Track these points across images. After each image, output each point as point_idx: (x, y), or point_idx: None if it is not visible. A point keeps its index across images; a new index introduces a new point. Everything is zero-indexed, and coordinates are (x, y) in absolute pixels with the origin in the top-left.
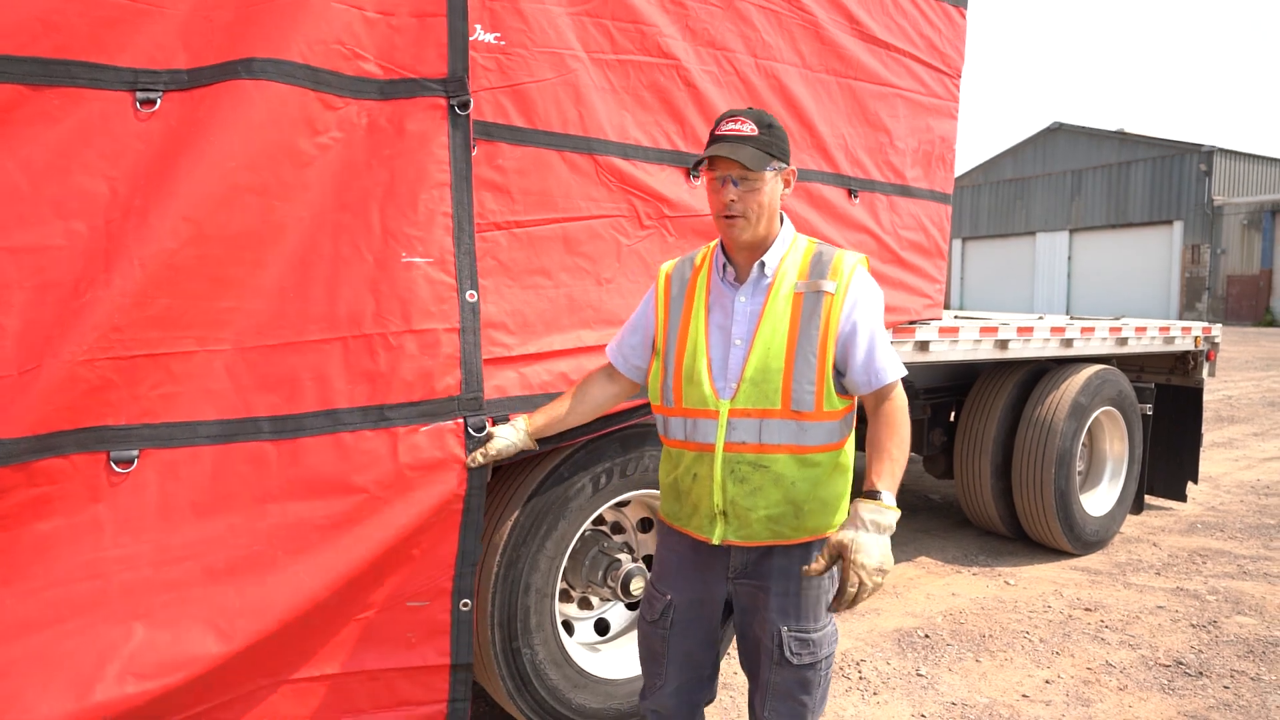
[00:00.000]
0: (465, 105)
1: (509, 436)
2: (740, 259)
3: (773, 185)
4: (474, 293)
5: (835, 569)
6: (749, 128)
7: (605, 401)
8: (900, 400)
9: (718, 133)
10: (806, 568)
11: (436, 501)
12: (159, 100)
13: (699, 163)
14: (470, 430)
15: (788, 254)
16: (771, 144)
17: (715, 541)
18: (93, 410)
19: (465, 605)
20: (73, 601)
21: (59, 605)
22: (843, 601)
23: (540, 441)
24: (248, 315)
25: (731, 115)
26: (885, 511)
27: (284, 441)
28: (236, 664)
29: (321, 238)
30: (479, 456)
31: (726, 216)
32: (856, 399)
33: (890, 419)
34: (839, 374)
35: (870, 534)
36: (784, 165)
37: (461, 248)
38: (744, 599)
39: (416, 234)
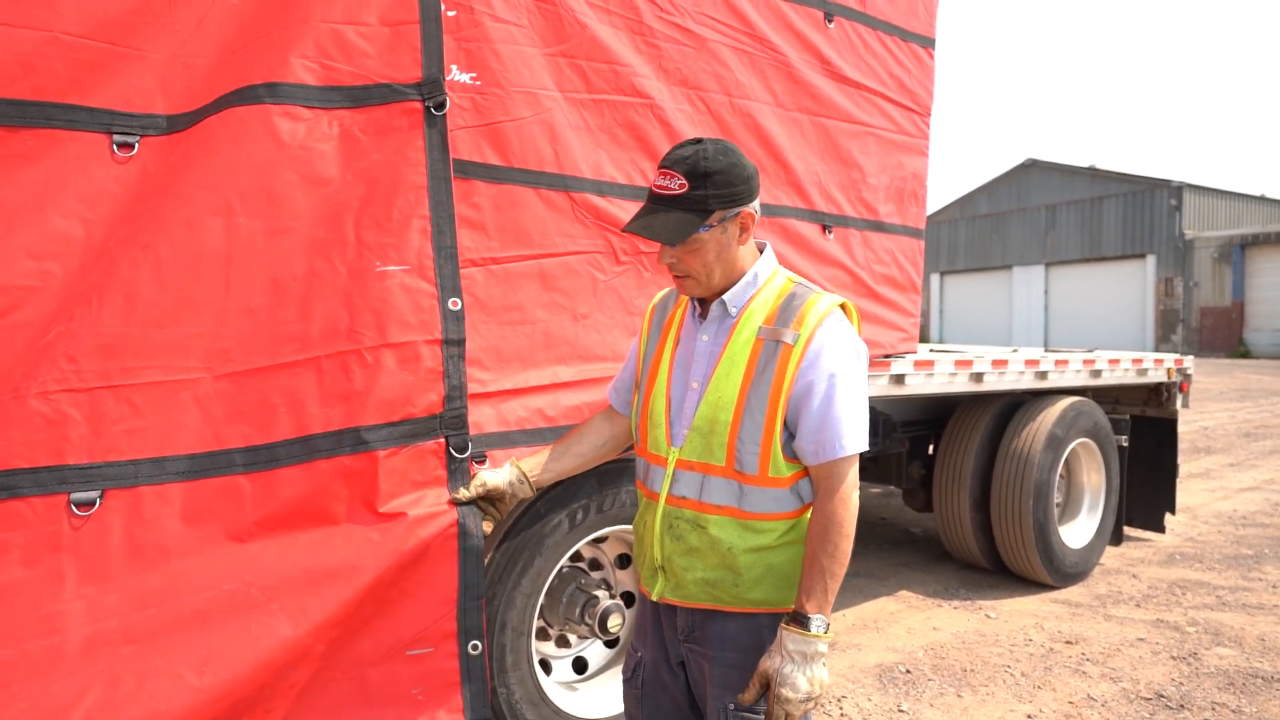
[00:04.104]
0: (441, 105)
1: (500, 472)
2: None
3: (718, 238)
4: (457, 300)
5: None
6: (677, 183)
7: (603, 444)
8: (849, 490)
9: (651, 187)
10: (740, 695)
11: (424, 529)
12: (136, 145)
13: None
14: (452, 450)
15: (760, 292)
16: (707, 199)
17: (654, 597)
18: (50, 448)
19: (475, 649)
20: (23, 663)
21: (6, 670)
22: None
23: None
24: (216, 340)
25: (664, 166)
26: (813, 641)
27: (258, 474)
28: None
29: (293, 253)
30: (463, 491)
31: (674, 276)
32: None
33: (829, 518)
34: (791, 436)
35: (795, 665)
36: (733, 211)
37: (442, 253)
38: (693, 667)
39: (390, 241)
